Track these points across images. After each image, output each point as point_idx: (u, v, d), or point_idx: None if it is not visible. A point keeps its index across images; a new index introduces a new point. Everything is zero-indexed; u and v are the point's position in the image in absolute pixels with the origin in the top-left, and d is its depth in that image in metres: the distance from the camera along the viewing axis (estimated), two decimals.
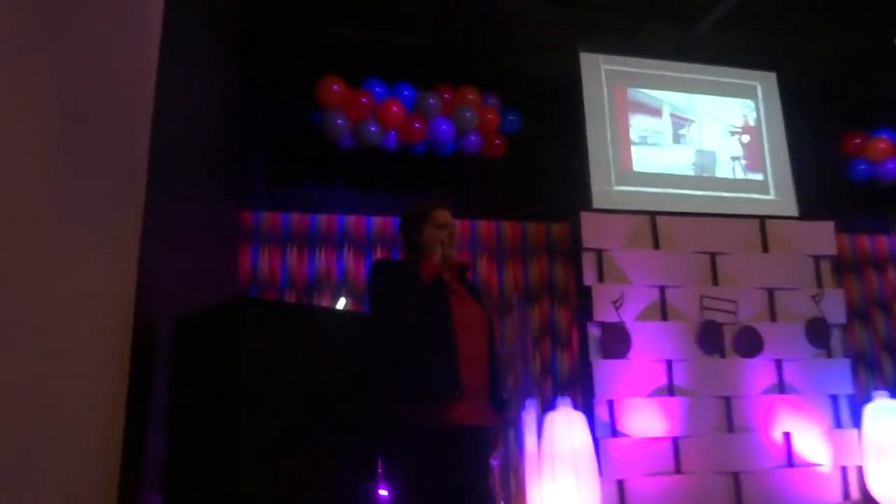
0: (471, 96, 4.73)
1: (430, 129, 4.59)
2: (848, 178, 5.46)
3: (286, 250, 4.44)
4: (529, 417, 4.11)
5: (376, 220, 4.61)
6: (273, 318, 2.14)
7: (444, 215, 2.41)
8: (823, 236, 5.11)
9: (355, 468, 2.22)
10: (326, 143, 4.50)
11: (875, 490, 4.61)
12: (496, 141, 4.77)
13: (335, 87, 4.42)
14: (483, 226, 4.78)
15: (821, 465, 4.65)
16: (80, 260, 1.55)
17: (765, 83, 5.54)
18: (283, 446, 2.03)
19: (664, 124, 5.28)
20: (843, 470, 4.70)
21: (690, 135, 5.31)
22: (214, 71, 3.51)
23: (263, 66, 4.65)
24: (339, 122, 4.43)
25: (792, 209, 5.24)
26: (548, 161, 4.97)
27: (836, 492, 4.63)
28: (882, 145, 5.37)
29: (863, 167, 5.41)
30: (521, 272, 4.77)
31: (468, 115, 4.63)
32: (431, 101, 4.61)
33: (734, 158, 5.31)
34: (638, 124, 5.21)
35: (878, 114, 5.55)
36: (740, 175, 5.29)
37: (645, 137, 5.20)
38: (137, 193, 1.97)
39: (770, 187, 5.32)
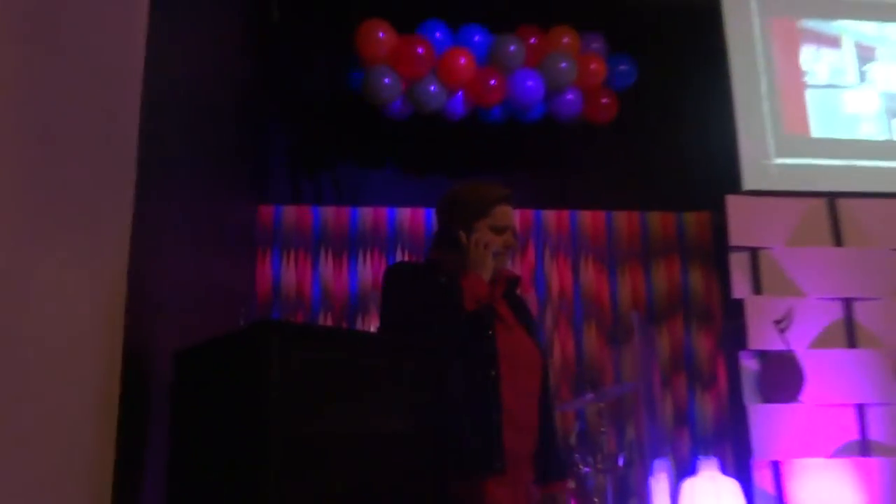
0: (566, 40, 4.74)
1: (511, 87, 4.60)
2: None
3: (318, 256, 4.59)
4: (660, 485, 4.13)
5: None
6: (306, 349, 2.14)
7: (507, 214, 2.38)
8: None
9: None
10: (370, 110, 4.57)
11: None
12: (603, 100, 4.77)
13: (381, 35, 4.48)
14: (586, 218, 4.84)
15: None
16: (52, 279, 1.60)
17: None
18: None
19: (844, 64, 5.19)
20: None
21: (880, 82, 5.22)
22: (222, 20, 3.62)
23: (283, 9, 4.77)
24: (387, 81, 4.48)
25: None
26: (676, 126, 4.95)
27: None
28: None
29: None
30: (643, 282, 4.80)
31: (563, 65, 4.64)
32: (512, 48, 4.62)
33: None
34: (806, 69, 5.14)
35: None
36: None
37: (816, 87, 5.13)
38: (125, 191, 2.04)
39: None
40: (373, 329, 4.44)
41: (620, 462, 3.93)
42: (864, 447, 4.50)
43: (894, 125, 5.14)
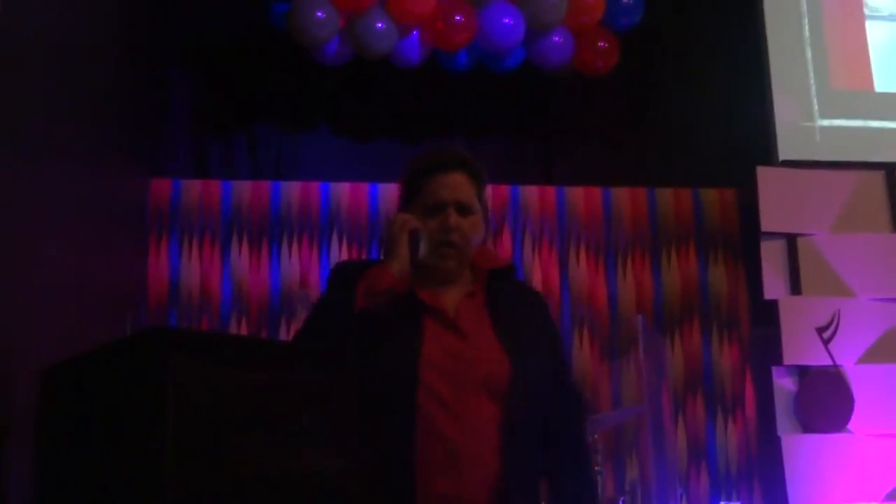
0: None
1: (482, 25, 4.63)
2: None
3: (229, 244, 4.62)
4: None
5: (386, 190, 4.73)
6: (211, 367, 2.10)
7: (446, 187, 2.33)
8: None
9: None
10: (297, 53, 4.58)
11: None
12: (599, 43, 4.82)
13: None
14: (577, 196, 4.91)
15: None
16: None
17: None
18: None
19: None
20: None
21: None
22: None
23: None
24: (320, 14, 4.49)
25: None
26: (692, 79, 5.08)
27: None
28: None
29: None
30: (650, 276, 4.91)
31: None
32: None
33: None
34: (864, 5, 5.29)
35: None
36: None
37: (880, 28, 5.28)
38: None
39: None
40: None
41: None
42: None
43: None
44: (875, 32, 5.26)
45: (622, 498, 4.18)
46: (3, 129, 2.25)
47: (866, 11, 5.27)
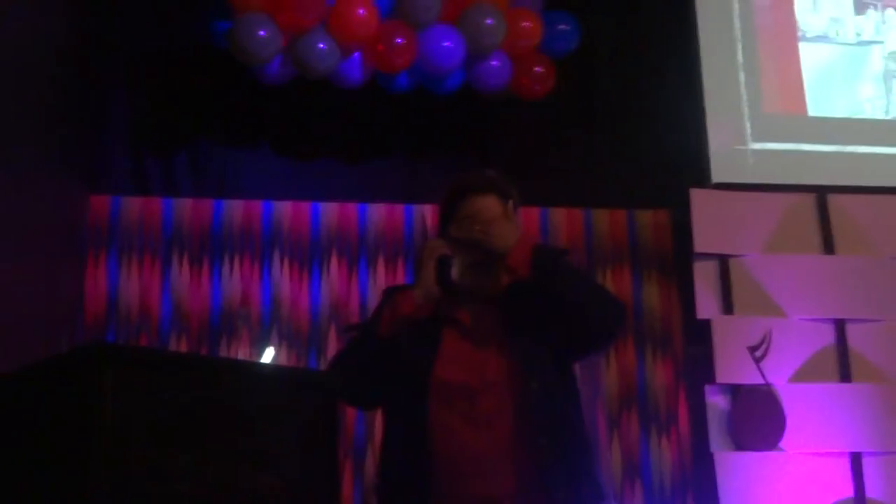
0: None
1: (422, 48, 4.65)
2: None
3: (170, 262, 4.59)
4: None
5: (328, 209, 4.78)
6: (151, 382, 2.07)
7: (474, 209, 2.52)
8: None
9: None
10: (239, 72, 4.58)
11: None
12: (536, 68, 4.83)
13: None
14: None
15: None
16: None
17: None
18: None
19: (845, 27, 5.47)
20: None
21: (889, 40, 5.55)
22: None
23: None
24: (263, 33, 4.47)
25: None
26: (628, 102, 5.09)
27: None
28: None
29: None
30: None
31: (487, 21, 4.69)
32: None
33: None
34: (797, 29, 5.39)
35: None
36: None
37: (810, 52, 5.38)
38: None
39: None
40: (267, 359, 4.48)
41: None
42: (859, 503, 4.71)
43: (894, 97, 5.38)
44: (808, 55, 5.34)
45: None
46: None
47: (800, 34, 5.35)
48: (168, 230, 4.66)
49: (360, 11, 4.60)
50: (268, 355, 4.54)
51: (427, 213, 4.73)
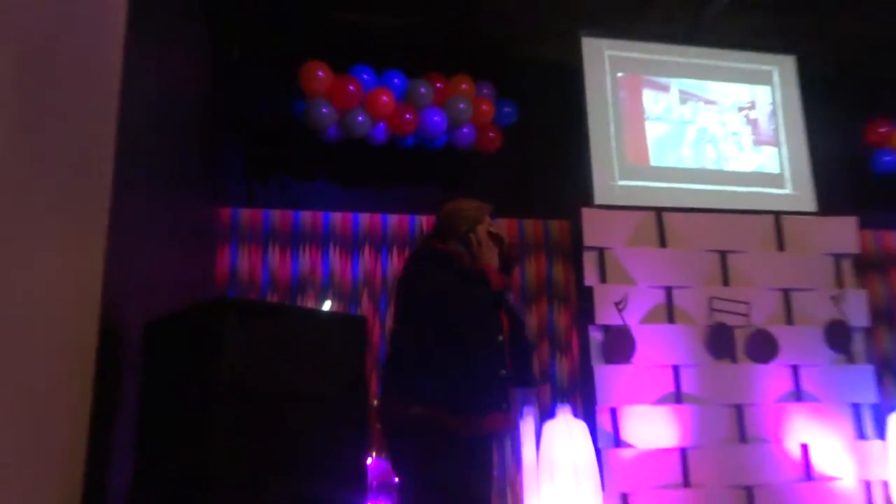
0: (464, 86, 4.78)
1: (421, 121, 4.65)
2: (871, 170, 5.50)
3: (267, 249, 4.51)
4: (527, 426, 4.22)
5: (363, 217, 4.69)
6: (253, 321, 2.11)
7: (493, 221, 2.56)
8: (845, 233, 5.18)
9: (342, 484, 2.24)
10: (310, 133, 4.54)
11: None
12: (490, 134, 4.82)
13: (320, 74, 4.46)
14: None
15: (841, 478, 4.71)
16: (37, 259, 1.56)
17: (782, 68, 5.61)
18: (261, 466, 2.00)
19: (672, 112, 5.40)
20: (867, 484, 4.76)
21: (703, 120, 5.43)
22: (188, 53, 3.58)
23: (242, 50, 4.71)
24: (324, 111, 4.44)
25: (810, 204, 5.31)
26: (546, 155, 5.04)
27: None
28: None
29: (887, 158, 5.47)
30: (518, 272, 4.81)
31: (461, 106, 4.69)
32: (423, 90, 4.67)
33: (743, 138, 5.45)
34: (644, 114, 5.33)
35: None
36: (751, 156, 5.41)
37: (654, 127, 5.32)
38: (103, 186, 2.00)
39: (786, 181, 5.39)
40: (325, 308, 4.41)
41: None
42: (678, 397, 4.67)
43: (706, 155, 5.34)
44: (651, 128, 5.31)
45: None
46: (129, 170, 2.21)
47: (646, 115, 5.31)
48: (267, 230, 4.56)
49: (384, 98, 4.61)
50: (326, 306, 4.47)
51: (423, 221, 4.66)
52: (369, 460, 3.40)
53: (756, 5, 5.09)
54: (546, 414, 4.42)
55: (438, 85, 4.76)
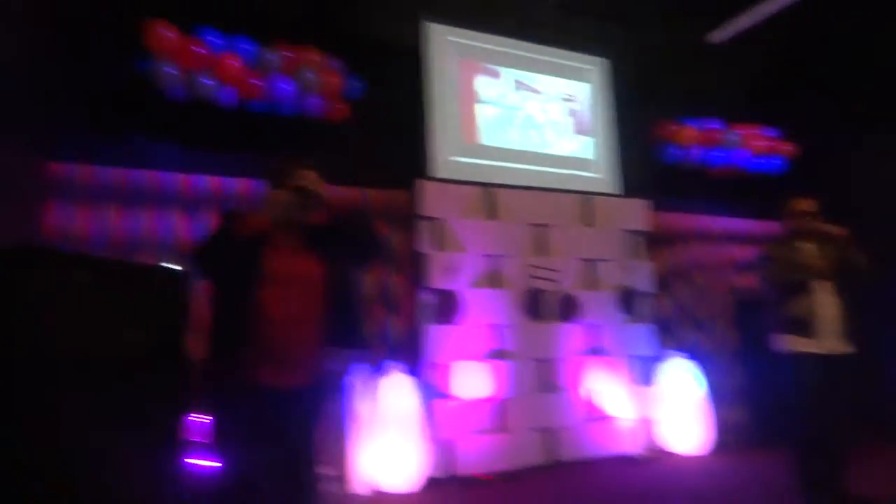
0: (314, 57, 4.82)
1: (270, 88, 4.70)
2: (661, 161, 6.39)
3: (104, 208, 4.34)
4: (358, 382, 4.44)
5: (210, 181, 4.62)
6: (63, 270, 2.00)
7: (304, 176, 2.43)
8: (640, 213, 6.02)
9: (152, 440, 2.20)
10: (154, 93, 4.41)
11: (668, 440, 5.63)
12: (338, 105, 4.90)
13: (165, 33, 4.35)
14: (339, 191, 4.77)
15: (623, 418, 5.57)
16: None
17: (599, 68, 6.34)
18: (67, 422, 1.91)
19: (505, 98, 5.87)
20: (642, 422, 5.65)
21: (530, 108, 5.94)
22: (18, 7, 3.37)
23: (80, 5, 4.45)
24: (170, 71, 4.38)
25: (615, 187, 6.10)
26: (391, 129, 5.17)
27: (634, 442, 5.58)
28: (690, 132, 6.37)
29: (674, 151, 6.38)
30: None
31: (310, 76, 4.77)
32: (273, 58, 4.71)
33: (564, 126, 6.06)
34: (480, 95, 5.75)
35: (689, 104, 6.54)
36: (569, 143, 6.04)
37: (486, 110, 5.76)
38: None
39: (597, 166, 6.13)
40: None
41: None
42: (497, 353, 5.19)
43: (531, 138, 5.89)
44: (483, 111, 5.72)
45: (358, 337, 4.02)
46: None
47: (480, 98, 5.71)
48: (103, 188, 4.36)
49: (233, 62, 4.57)
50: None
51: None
52: (193, 417, 3.23)
53: (580, 12, 5.71)
54: (378, 370, 4.63)
55: (288, 54, 4.79)
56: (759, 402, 6.09)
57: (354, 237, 2.49)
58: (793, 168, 6.75)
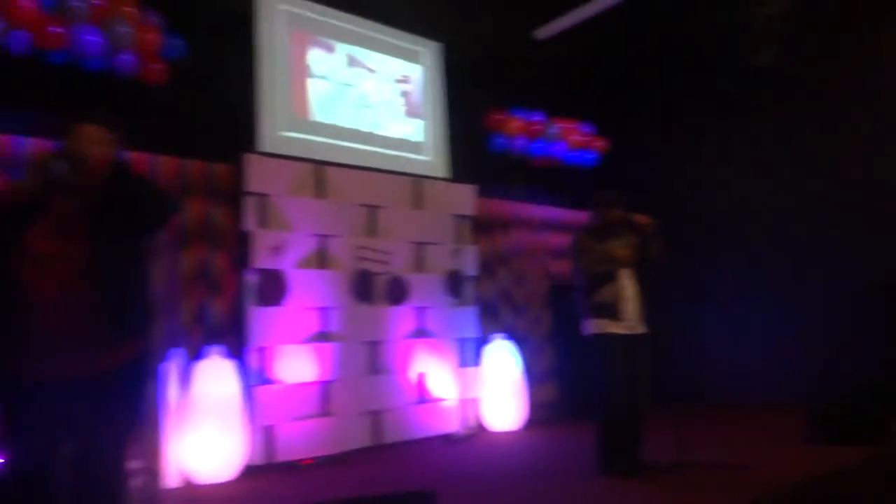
0: (128, 9, 4.45)
1: (74, 37, 4.21)
2: (488, 149, 6.60)
3: None
4: (174, 368, 4.21)
5: None
6: None
7: (76, 138, 2.15)
8: (466, 198, 6.19)
9: None
10: None
11: (487, 418, 5.87)
12: (156, 65, 4.55)
13: None
14: (134, 158, 4.40)
15: (447, 399, 5.73)
16: None
17: (431, 52, 6.39)
18: None
19: (337, 74, 5.72)
20: (464, 402, 5.86)
21: (364, 86, 5.86)
22: None
23: None
24: None
25: (444, 171, 6.22)
26: (216, 97, 4.91)
27: (457, 421, 5.76)
28: (516, 123, 6.65)
29: (500, 140, 6.62)
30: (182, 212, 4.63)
31: (123, 30, 4.38)
32: (77, 3, 4.23)
33: (396, 107, 6.07)
34: (312, 69, 5.58)
35: (515, 96, 6.81)
36: (401, 124, 6.08)
37: (319, 85, 5.59)
38: None
39: (427, 149, 6.21)
40: None
41: None
42: (324, 336, 5.13)
43: (364, 118, 5.82)
44: (315, 85, 5.56)
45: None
46: None
47: (312, 72, 5.54)
48: None
49: (26, 3, 4.00)
50: None
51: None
52: None
53: None
54: (197, 355, 4.43)
55: (96, 2, 4.32)
56: (569, 380, 6.56)
57: (134, 203, 2.15)
58: (604, 162, 7.30)
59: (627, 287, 3.76)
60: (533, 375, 6.37)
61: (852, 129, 6.08)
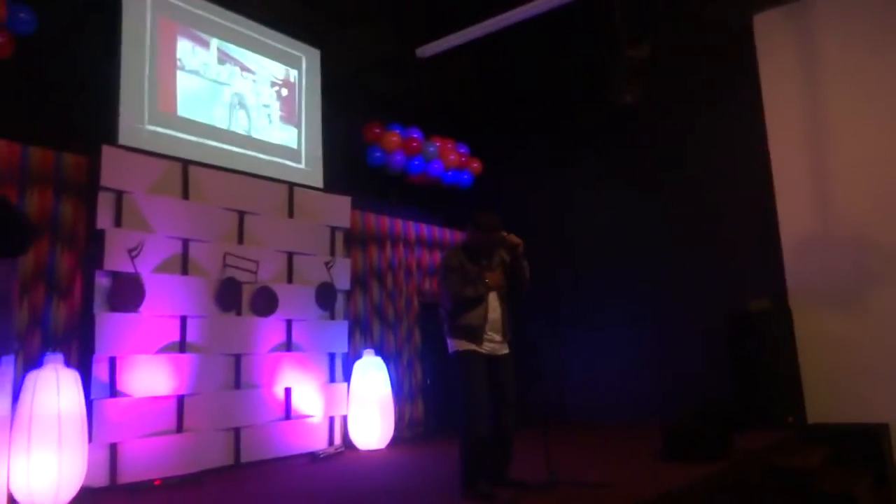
0: None
1: None
2: (365, 162, 6.49)
3: None
4: (3, 377, 3.68)
5: None
6: None
7: None
8: (341, 210, 6.05)
9: None
10: None
11: (353, 435, 5.68)
12: (0, 38, 4.12)
13: None
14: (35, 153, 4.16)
15: (313, 415, 5.50)
16: None
17: (310, 57, 6.23)
18: None
19: (209, 70, 5.42)
20: (331, 420, 5.64)
21: (240, 86, 5.57)
22: None
23: None
24: None
25: (318, 181, 6.05)
26: (70, 81, 4.55)
27: (322, 439, 5.53)
28: (394, 138, 6.62)
29: (378, 154, 6.54)
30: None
31: None
32: None
33: (272, 111, 5.86)
34: (182, 63, 5.24)
35: (395, 110, 6.77)
36: (276, 129, 5.86)
37: (189, 79, 5.26)
38: None
39: (302, 157, 6.01)
40: None
41: None
42: (182, 346, 4.78)
43: (237, 119, 5.54)
44: (183, 80, 5.23)
45: None
46: None
47: (179, 66, 5.21)
48: None
49: None
50: None
51: None
52: None
53: None
54: (33, 363, 3.97)
55: None
56: (436, 398, 6.51)
57: None
58: (477, 182, 7.39)
59: (496, 309, 3.74)
60: (401, 393, 6.27)
61: (702, 164, 6.55)
